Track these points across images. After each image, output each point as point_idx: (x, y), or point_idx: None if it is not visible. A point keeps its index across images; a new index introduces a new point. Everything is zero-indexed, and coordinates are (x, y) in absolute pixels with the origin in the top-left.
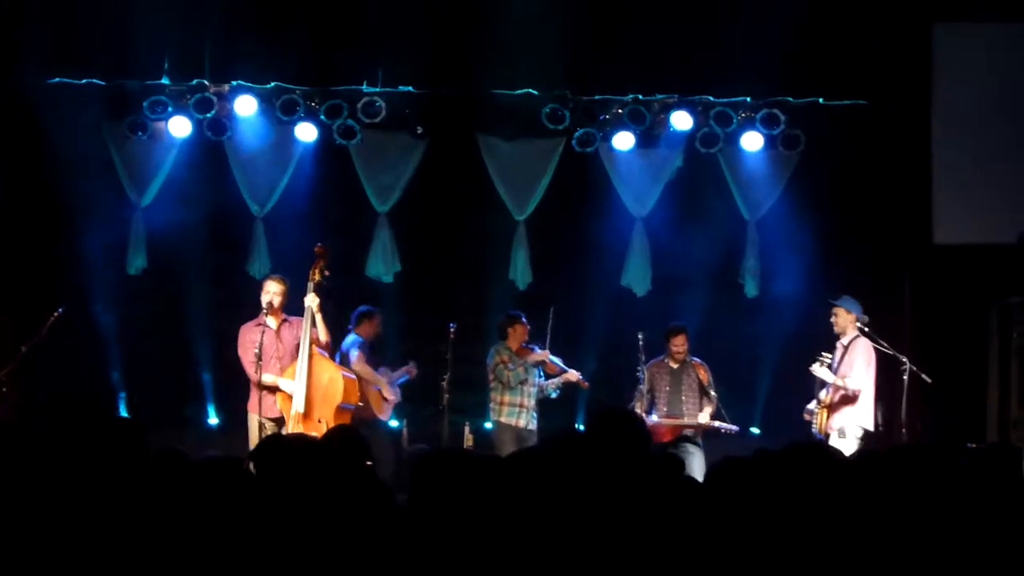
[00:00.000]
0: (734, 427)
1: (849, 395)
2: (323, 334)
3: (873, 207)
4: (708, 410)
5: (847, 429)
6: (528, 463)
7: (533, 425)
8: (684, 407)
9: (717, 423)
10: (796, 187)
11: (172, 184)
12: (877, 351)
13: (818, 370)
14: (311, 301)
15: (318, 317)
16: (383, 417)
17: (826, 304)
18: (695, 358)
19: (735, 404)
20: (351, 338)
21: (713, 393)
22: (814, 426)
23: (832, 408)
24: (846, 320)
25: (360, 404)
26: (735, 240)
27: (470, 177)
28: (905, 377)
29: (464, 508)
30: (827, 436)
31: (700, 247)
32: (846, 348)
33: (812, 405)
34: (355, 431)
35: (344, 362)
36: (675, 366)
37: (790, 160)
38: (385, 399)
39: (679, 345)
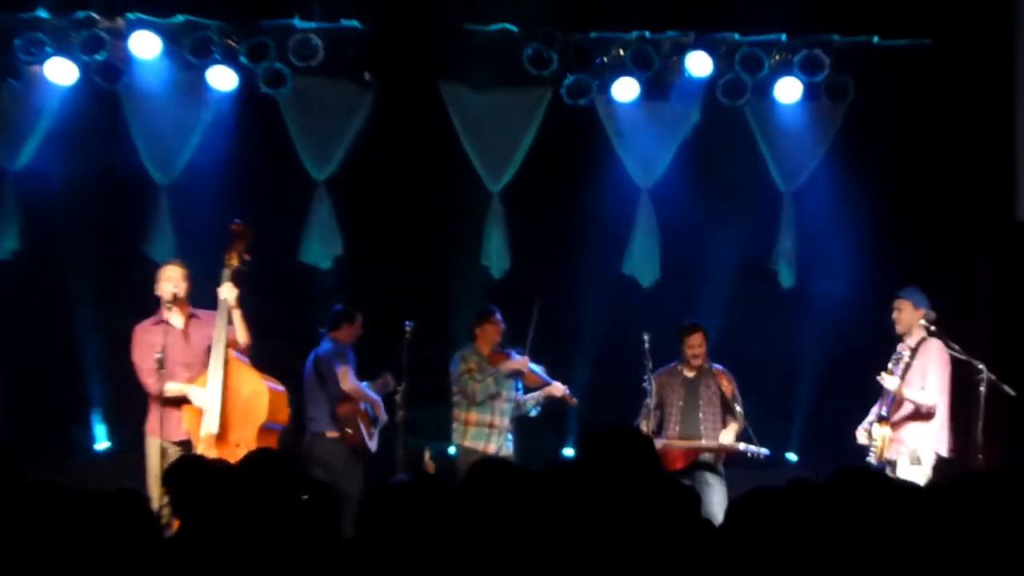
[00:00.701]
0: (764, 451)
1: (922, 411)
2: (242, 335)
3: (940, 175)
4: (733, 428)
5: (921, 454)
6: (501, 495)
7: (507, 450)
8: (702, 426)
9: (742, 446)
10: (843, 149)
11: (52, 144)
12: (951, 356)
13: (888, 380)
14: (227, 293)
15: (236, 313)
16: (371, 445)
17: (885, 297)
18: (716, 365)
19: (766, 423)
20: (330, 346)
21: (739, 409)
22: (873, 451)
23: (897, 427)
24: (912, 317)
25: (349, 431)
26: (766, 216)
27: (431, 137)
28: (982, 389)
29: (420, 550)
30: (890, 464)
31: (722, 225)
32: (914, 352)
33: (870, 423)
34: (284, 456)
35: (323, 376)
36: (690, 375)
37: (836, 114)
38: (374, 421)
39: (695, 347)
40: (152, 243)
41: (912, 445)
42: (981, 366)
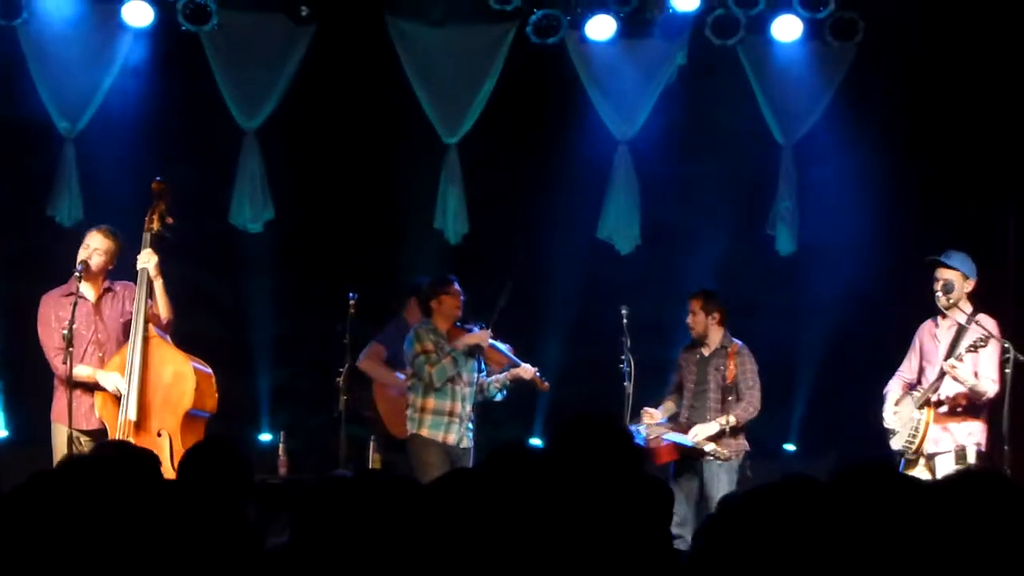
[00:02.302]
0: (725, 453)
1: (979, 403)
2: (164, 308)
3: (962, 124)
4: (715, 423)
5: (968, 451)
6: (460, 492)
7: (468, 441)
8: (708, 414)
9: (709, 447)
10: (851, 95)
11: None
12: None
13: (962, 370)
14: (147, 260)
15: (157, 284)
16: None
17: (928, 262)
18: (737, 340)
19: (762, 408)
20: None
21: (734, 399)
22: (908, 440)
23: (945, 417)
24: (962, 288)
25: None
26: (763, 173)
27: (378, 80)
28: (1008, 370)
29: (363, 557)
30: (928, 458)
31: (711, 183)
32: (962, 328)
33: (895, 402)
34: (232, 447)
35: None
36: (706, 353)
37: (843, 56)
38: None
39: (689, 316)
40: (56, 203)
41: (960, 440)
42: (1008, 345)
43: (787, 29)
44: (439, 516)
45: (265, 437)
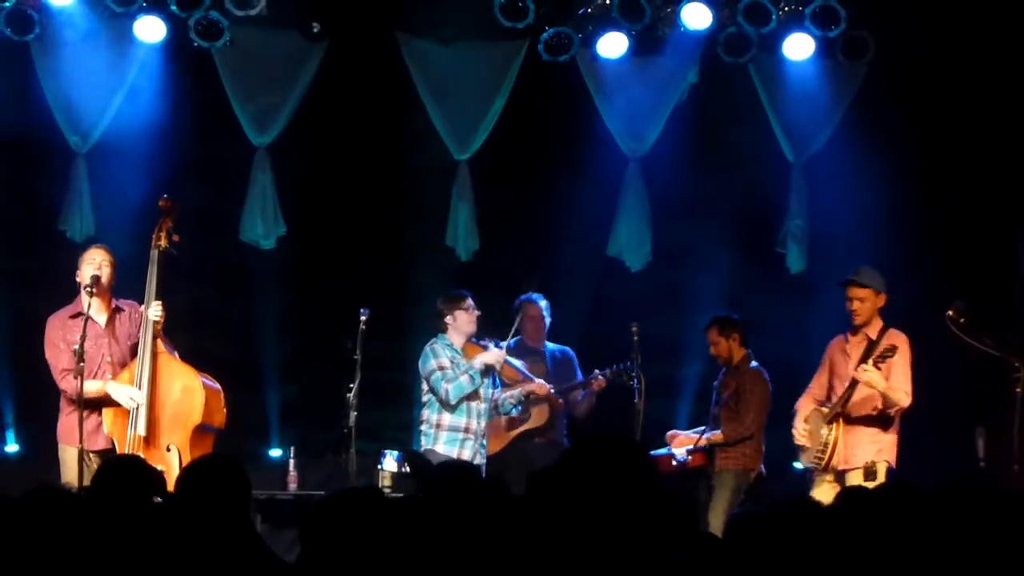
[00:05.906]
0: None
1: (890, 414)
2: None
3: (973, 143)
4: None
5: (878, 467)
6: (474, 507)
7: (481, 458)
8: (710, 425)
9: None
10: (862, 114)
11: None
12: (970, 348)
13: (870, 374)
14: (154, 314)
15: (159, 343)
16: None
17: (839, 283)
18: (755, 364)
19: (772, 426)
20: None
21: (724, 417)
22: (817, 456)
23: (853, 431)
24: (875, 304)
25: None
26: (773, 191)
27: (389, 97)
28: (1019, 390)
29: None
30: (838, 475)
31: (722, 201)
32: (873, 343)
33: (804, 419)
34: (233, 464)
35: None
36: (731, 373)
37: (854, 74)
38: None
39: (712, 348)
40: (67, 219)
41: (868, 455)
42: (1017, 363)
43: (799, 47)
44: (448, 533)
45: (275, 453)
